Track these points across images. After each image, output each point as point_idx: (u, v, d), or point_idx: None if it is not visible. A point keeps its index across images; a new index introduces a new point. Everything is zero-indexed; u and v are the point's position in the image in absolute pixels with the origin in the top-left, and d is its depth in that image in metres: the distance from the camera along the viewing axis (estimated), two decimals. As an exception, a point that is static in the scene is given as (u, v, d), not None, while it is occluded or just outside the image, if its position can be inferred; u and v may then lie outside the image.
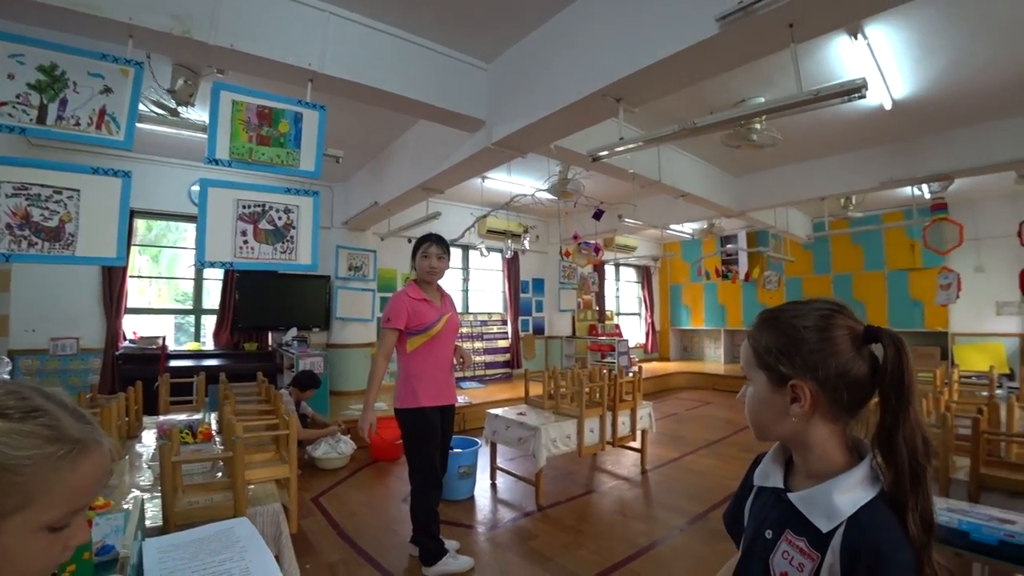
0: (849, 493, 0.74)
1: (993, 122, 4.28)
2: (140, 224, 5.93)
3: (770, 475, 0.89)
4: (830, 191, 5.38)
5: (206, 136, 2.65)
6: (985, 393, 4.29)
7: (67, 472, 0.59)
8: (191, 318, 6.09)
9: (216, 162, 2.60)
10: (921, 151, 4.67)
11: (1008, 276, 6.62)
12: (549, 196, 4.95)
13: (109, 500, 1.60)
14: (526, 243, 6.72)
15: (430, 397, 2.60)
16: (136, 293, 5.92)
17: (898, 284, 7.76)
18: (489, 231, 7.20)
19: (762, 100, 3.48)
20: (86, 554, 1.14)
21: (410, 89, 3.15)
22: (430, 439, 2.60)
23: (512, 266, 8.33)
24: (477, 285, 8.37)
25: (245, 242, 2.67)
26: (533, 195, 5.18)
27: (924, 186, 4.93)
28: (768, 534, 0.83)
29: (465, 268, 8.17)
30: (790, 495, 0.81)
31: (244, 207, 2.67)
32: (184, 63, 3.49)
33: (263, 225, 2.71)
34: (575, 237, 6.33)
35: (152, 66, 3.35)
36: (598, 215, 5.20)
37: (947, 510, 1.65)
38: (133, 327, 5.57)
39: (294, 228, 2.79)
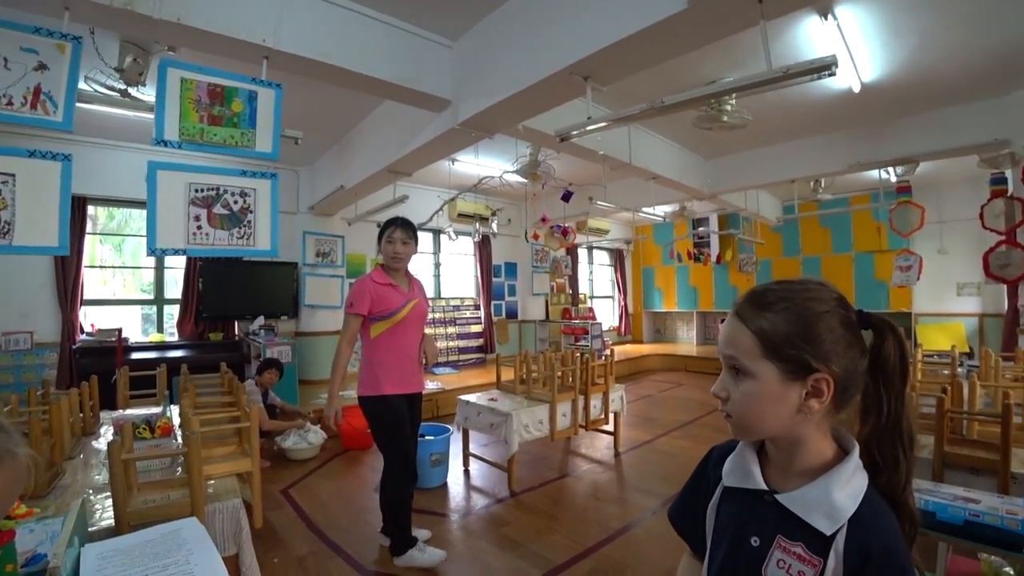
0: (846, 489, 0.70)
1: (958, 106, 4.35)
2: (100, 212, 5.66)
3: (747, 474, 0.80)
4: (799, 174, 5.44)
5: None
6: (947, 372, 4.41)
7: None
8: (164, 308, 5.87)
9: (165, 143, 2.46)
10: (888, 135, 4.74)
11: (969, 258, 6.84)
12: (519, 178, 4.87)
13: (33, 508, 1.50)
14: (494, 226, 6.65)
15: (394, 385, 2.50)
16: (99, 284, 5.68)
17: (864, 266, 7.94)
18: (460, 215, 7.11)
19: (729, 78, 3.45)
20: (9, 566, 1.06)
21: (371, 67, 3.03)
22: (397, 427, 2.52)
23: (484, 250, 8.26)
24: (449, 270, 8.27)
25: (199, 228, 2.54)
26: (501, 177, 5.09)
27: (890, 169, 5.01)
28: (755, 541, 0.75)
29: (436, 252, 8.06)
30: (779, 497, 0.74)
31: (197, 191, 2.54)
32: (131, 39, 3.30)
33: (217, 210, 2.58)
34: (543, 219, 6.28)
35: (97, 43, 3.18)
36: (567, 197, 5.15)
37: (913, 491, 1.67)
38: (95, 319, 5.34)
39: (251, 212, 2.67)
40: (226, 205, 2.61)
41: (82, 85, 3.65)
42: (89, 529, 1.62)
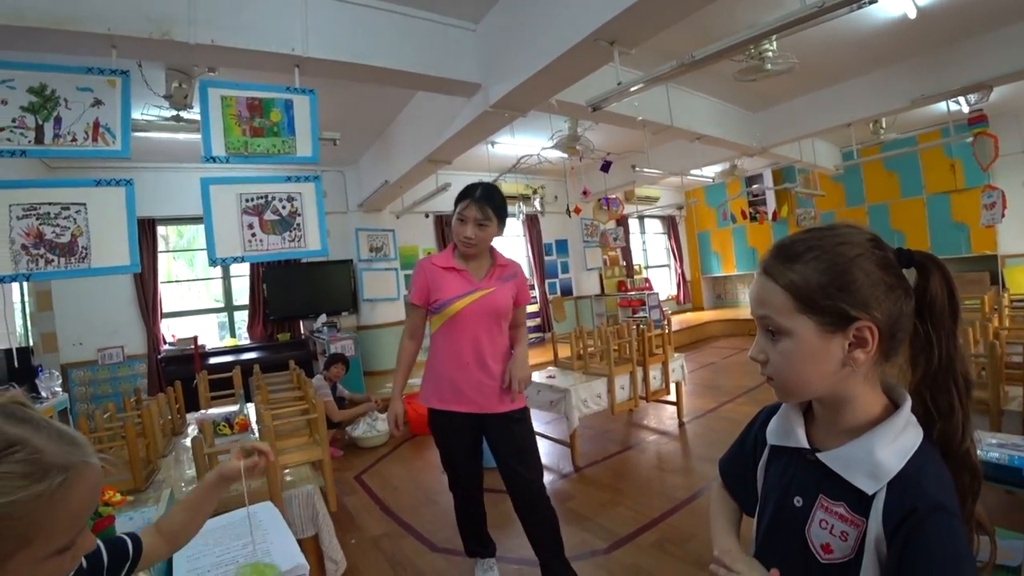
0: (892, 446, 0.65)
1: (1031, 19, 3.90)
2: (170, 231, 6.07)
3: (790, 433, 0.77)
4: (857, 116, 5.05)
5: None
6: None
7: (60, 504, 0.56)
8: (234, 315, 6.27)
9: (213, 159, 2.61)
10: (953, 62, 4.30)
11: (1061, 188, 6.18)
12: (558, 154, 4.81)
13: (127, 497, 1.67)
14: (538, 204, 6.61)
15: (439, 397, 2.02)
16: (177, 297, 6.12)
17: (939, 209, 7.28)
18: (507, 197, 7.11)
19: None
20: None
21: (399, 61, 3.07)
22: (444, 448, 2.13)
23: (533, 229, 8.25)
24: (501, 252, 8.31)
25: (253, 235, 2.69)
26: (539, 154, 5.05)
27: (961, 99, 4.56)
28: (798, 501, 0.73)
29: (486, 238, 8.11)
30: (821, 455, 0.71)
31: (247, 200, 2.68)
32: (175, 67, 3.49)
33: (268, 216, 2.72)
34: (584, 192, 6.18)
35: (145, 75, 3.39)
36: (606, 167, 5.04)
37: (998, 445, 1.55)
38: (177, 330, 5.77)
39: (299, 215, 2.79)
40: (275, 211, 2.74)
41: (137, 115, 3.95)
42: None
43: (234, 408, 3.25)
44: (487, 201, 1.94)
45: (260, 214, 2.69)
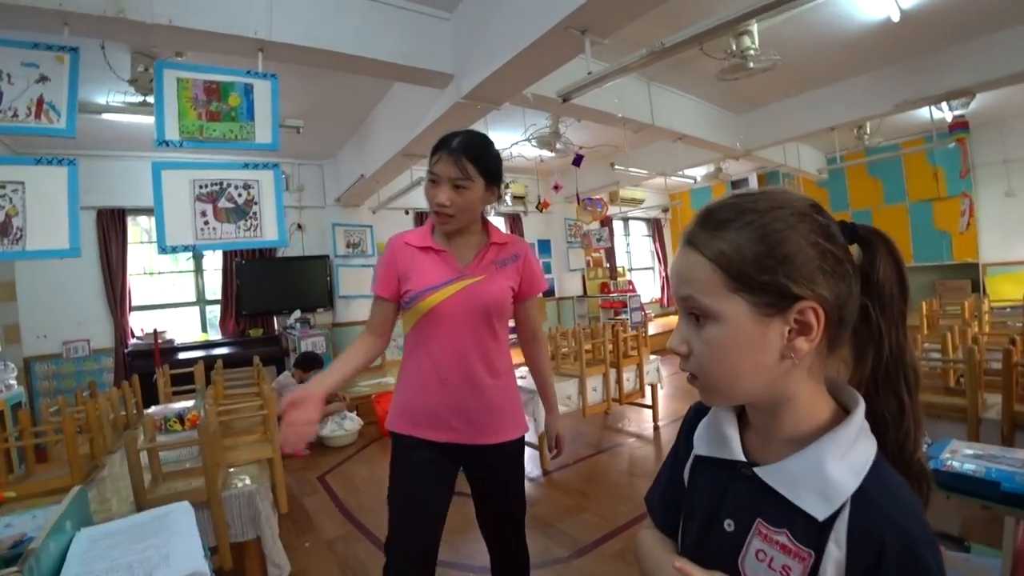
0: (846, 458, 0.54)
1: (1015, 28, 3.88)
2: (144, 221, 5.89)
3: (721, 441, 0.65)
4: (840, 119, 5.01)
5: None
6: (1020, 324, 3.99)
7: None
8: (206, 309, 6.10)
9: (166, 143, 2.49)
10: (937, 66, 4.27)
11: (1042, 199, 6.21)
12: (535, 151, 4.73)
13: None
14: (508, 200, 6.52)
15: (404, 419, 1.47)
16: (158, 291, 5.94)
17: (922, 216, 7.29)
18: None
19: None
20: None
21: (368, 49, 2.96)
22: (403, 481, 1.47)
23: (514, 229, 8.16)
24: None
25: (206, 223, 2.57)
26: (510, 149, 4.96)
27: (944, 105, 4.54)
28: (728, 525, 0.61)
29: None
30: (759, 471, 0.59)
31: (201, 187, 2.57)
32: (139, 50, 3.37)
33: (222, 204, 2.61)
34: (556, 187, 6.11)
35: (109, 57, 3.27)
36: (577, 161, 4.95)
37: (974, 456, 1.47)
38: (150, 324, 5.58)
39: (256, 204, 2.67)
40: (230, 199, 2.63)
41: (102, 99, 3.83)
42: (114, 516, 1.67)
43: (190, 404, 3.13)
44: (465, 153, 1.36)
45: (214, 201, 2.58)
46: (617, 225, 9.78)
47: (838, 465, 0.53)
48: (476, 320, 1.43)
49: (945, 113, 4.93)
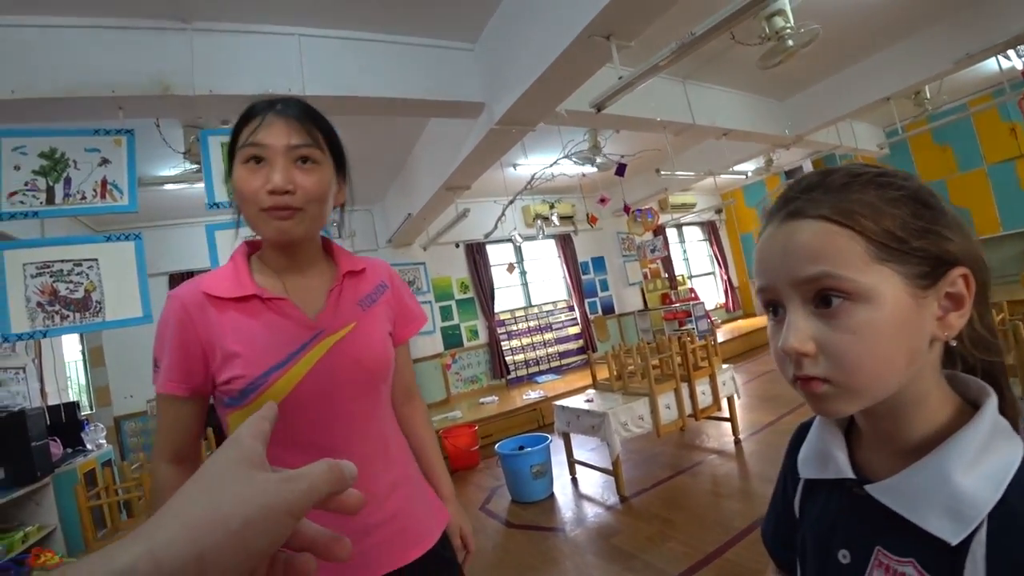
0: (980, 465, 0.43)
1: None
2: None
3: (827, 459, 0.55)
4: (894, 88, 4.60)
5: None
6: None
7: None
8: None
9: (216, 206, 2.61)
10: (996, 11, 3.83)
11: None
12: (577, 169, 4.66)
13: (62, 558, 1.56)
14: (555, 220, 6.45)
15: None
16: None
17: (1004, 178, 6.56)
18: (539, 217, 6.99)
19: None
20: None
21: (399, 89, 3.03)
22: None
23: (567, 249, 8.06)
24: (536, 276, 8.15)
25: (259, 279, 2.64)
26: (550, 170, 4.91)
27: (1011, 53, 4.09)
28: (843, 556, 0.51)
29: (520, 261, 7.97)
30: (871, 489, 0.49)
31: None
32: (189, 123, 3.59)
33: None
34: (602, 200, 5.97)
35: (164, 133, 3.50)
36: (620, 170, 4.81)
37: None
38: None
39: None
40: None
41: (163, 172, 4.10)
42: None
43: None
44: (307, 114, 0.91)
45: (265, 256, 2.65)
46: (671, 233, 9.50)
47: (969, 474, 0.43)
48: (359, 394, 0.94)
49: (1014, 61, 4.43)
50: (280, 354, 0.87)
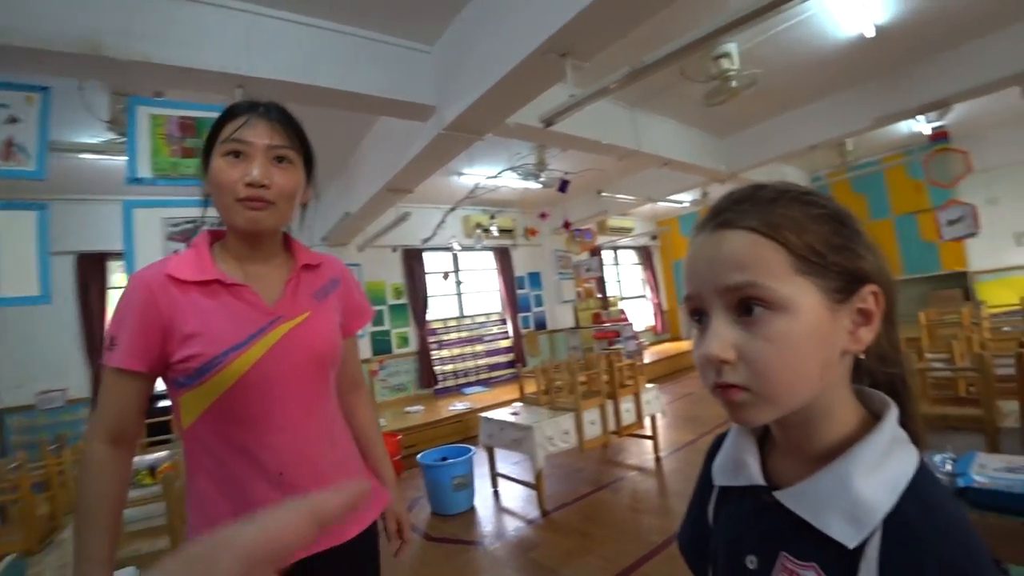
0: (880, 473, 0.45)
1: (986, 36, 3.94)
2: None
3: (739, 466, 0.57)
4: (821, 137, 5.06)
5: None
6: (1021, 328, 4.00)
7: None
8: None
9: (138, 181, 2.41)
10: (913, 80, 4.32)
11: (1024, 204, 6.28)
12: (521, 183, 4.71)
13: None
14: (494, 231, 6.50)
15: None
16: None
17: (908, 228, 7.37)
18: (479, 227, 6.99)
19: (730, 43, 3.20)
20: None
21: (349, 83, 2.94)
22: None
23: (504, 262, 8.10)
24: (472, 287, 8.12)
25: (180, 263, 2.46)
26: (495, 181, 4.94)
27: (922, 118, 4.60)
28: (751, 562, 0.53)
29: (457, 271, 7.93)
30: (779, 494, 0.51)
31: (173, 225, 2.47)
32: (116, 89, 3.33)
33: (198, 243, 2.50)
34: (543, 215, 6.09)
35: (88, 98, 3.22)
36: (563, 187, 4.93)
37: (1007, 470, 1.37)
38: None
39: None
40: (206, 237, 2.53)
41: (78, 138, 3.77)
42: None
43: (164, 454, 2.95)
44: (286, 117, 1.02)
45: (187, 240, 2.48)
46: (607, 255, 9.77)
47: (868, 480, 0.45)
48: (309, 377, 1.01)
49: (923, 125, 4.98)
50: (239, 336, 0.94)
